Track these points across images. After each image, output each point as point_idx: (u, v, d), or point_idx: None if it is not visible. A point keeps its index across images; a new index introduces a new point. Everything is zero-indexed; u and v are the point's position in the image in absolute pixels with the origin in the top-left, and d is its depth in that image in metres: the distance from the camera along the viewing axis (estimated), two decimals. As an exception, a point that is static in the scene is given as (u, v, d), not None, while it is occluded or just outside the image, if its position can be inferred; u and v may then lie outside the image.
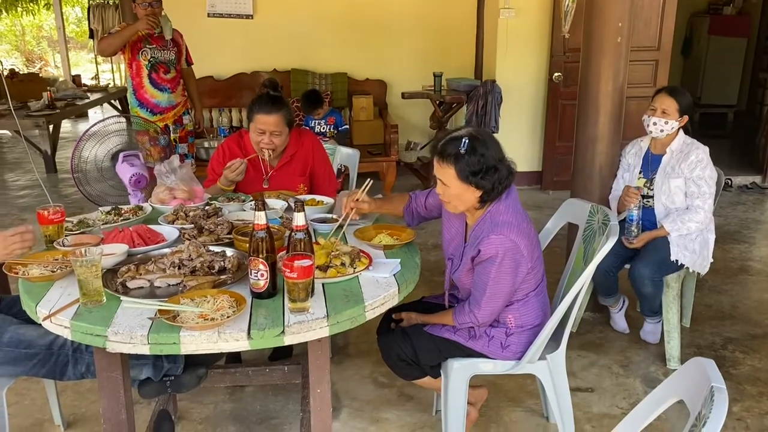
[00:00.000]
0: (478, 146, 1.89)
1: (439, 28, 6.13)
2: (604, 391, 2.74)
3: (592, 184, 3.18)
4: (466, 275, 2.04)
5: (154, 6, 4.05)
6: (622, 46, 3.01)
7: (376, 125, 5.84)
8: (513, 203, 1.99)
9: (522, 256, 1.94)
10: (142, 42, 4.12)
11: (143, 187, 2.89)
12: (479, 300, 1.98)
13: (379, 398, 2.69)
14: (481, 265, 1.96)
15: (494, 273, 1.93)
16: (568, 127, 5.43)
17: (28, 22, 16.96)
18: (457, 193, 1.94)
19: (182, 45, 4.38)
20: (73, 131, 9.32)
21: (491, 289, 1.95)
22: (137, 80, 4.20)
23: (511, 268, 1.94)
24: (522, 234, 1.94)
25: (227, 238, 2.12)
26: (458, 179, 1.90)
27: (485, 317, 2.00)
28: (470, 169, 1.88)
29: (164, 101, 4.26)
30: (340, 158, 3.47)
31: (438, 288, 3.60)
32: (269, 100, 2.67)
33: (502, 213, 1.96)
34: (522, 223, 1.96)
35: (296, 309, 1.67)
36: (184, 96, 4.43)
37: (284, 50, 6.06)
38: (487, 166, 1.88)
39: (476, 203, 1.96)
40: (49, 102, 6.16)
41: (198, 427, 2.51)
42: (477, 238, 1.96)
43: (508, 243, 1.91)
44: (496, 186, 1.92)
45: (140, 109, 4.23)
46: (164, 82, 4.23)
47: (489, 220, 1.96)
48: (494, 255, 1.92)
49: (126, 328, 1.55)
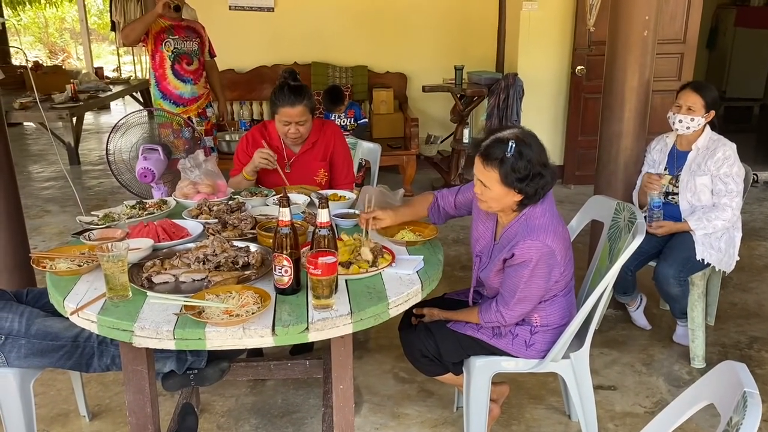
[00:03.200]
0: (525, 150, 1.83)
1: (461, 21, 6.08)
2: (626, 390, 2.71)
3: (617, 180, 3.15)
4: (496, 275, 2.02)
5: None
6: (648, 40, 2.96)
7: (396, 118, 5.82)
8: (549, 206, 1.96)
9: (556, 262, 1.92)
10: (165, 33, 4.13)
11: (150, 181, 2.92)
12: (508, 301, 1.96)
13: (399, 393, 2.69)
14: (513, 268, 1.94)
15: (527, 277, 1.91)
16: (590, 121, 5.38)
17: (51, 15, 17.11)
18: (497, 196, 1.90)
19: (205, 37, 4.38)
20: (95, 123, 9.41)
21: (522, 292, 1.93)
22: (160, 71, 4.22)
23: (544, 273, 1.92)
24: (558, 239, 1.91)
25: (251, 233, 2.12)
26: (501, 184, 1.86)
27: (513, 318, 1.99)
28: (516, 175, 1.83)
29: (187, 92, 4.27)
30: (361, 152, 3.47)
31: (458, 283, 3.60)
32: (291, 92, 2.68)
33: (539, 217, 1.93)
34: (558, 227, 1.94)
35: (320, 306, 1.68)
36: (206, 88, 4.44)
37: (305, 43, 6.05)
38: (533, 173, 1.84)
39: (513, 206, 1.93)
40: (72, 94, 6.20)
41: (220, 419, 2.53)
42: (510, 240, 1.94)
43: (543, 248, 1.88)
44: (538, 191, 1.88)
45: (163, 101, 4.25)
46: (187, 74, 4.24)
47: (524, 223, 1.93)
48: (529, 259, 1.89)
49: (152, 324, 1.56)
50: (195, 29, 4.30)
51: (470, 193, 2.14)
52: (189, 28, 4.26)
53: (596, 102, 5.22)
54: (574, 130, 5.56)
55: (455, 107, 5.50)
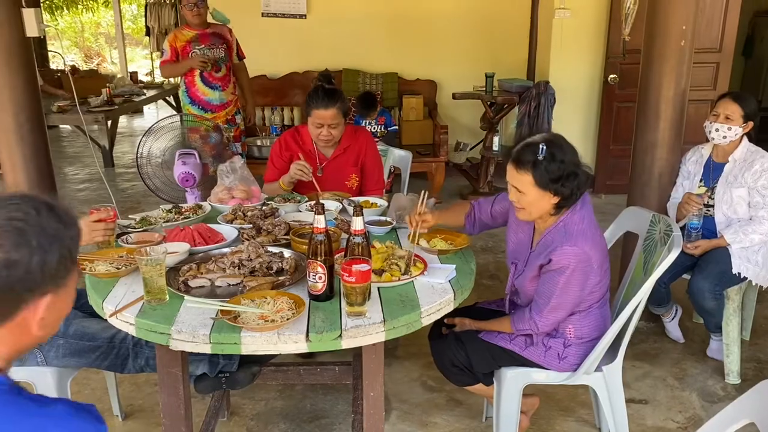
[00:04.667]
0: (557, 152, 1.85)
1: (492, 28, 6.07)
2: (658, 404, 2.67)
3: (651, 190, 3.11)
4: (531, 282, 2.01)
5: (199, 6, 4.15)
6: (685, 50, 2.92)
7: (426, 125, 5.82)
8: (588, 214, 1.95)
9: (592, 269, 1.91)
10: (191, 44, 4.21)
11: (191, 185, 2.96)
12: (542, 308, 1.95)
13: (428, 402, 2.68)
14: (549, 274, 1.93)
15: (562, 283, 1.90)
16: (623, 130, 5.32)
17: (87, 19, 17.48)
18: (534, 200, 1.90)
19: (232, 41, 4.42)
20: (128, 127, 9.58)
21: (557, 299, 1.92)
22: (189, 78, 4.30)
23: (580, 281, 1.90)
24: (596, 246, 1.90)
25: (284, 239, 2.14)
26: (536, 186, 1.87)
27: (546, 326, 1.98)
28: (549, 176, 1.84)
29: (215, 99, 4.33)
30: (392, 159, 3.48)
31: (486, 292, 3.58)
32: (325, 95, 2.71)
33: (577, 223, 1.92)
34: (596, 235, 1.93)
35: (353, 313, 1.68)
36: (234, 95, 4.48)
37: (336, 50, 6.09)
38: (567, 173, 1.85)
39: (551, 210, 1.93)
40: (108, 98, 6.33)
41: (250, 423, 2.55)
42: (547, 247, 1.93)
43: (581, 255, 1.87)
44: (574, 192, 1.88)
45: (192, 107, 4.33)
46: (215, 80, 4.31)
47: (563, 229, 1.93)
48: (565, 266, 1.88)
49: (189, 327, 1.59)
50: (221, 34, 4.34)
51: (507, 202, 2.14)
52: (215, 34, 4.31)
53: (629, 111, 5.18)
54: (605, 139, 5.50)
55: (485, 115, 5.48)
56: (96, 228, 2.02)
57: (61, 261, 1.00)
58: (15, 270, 0.95)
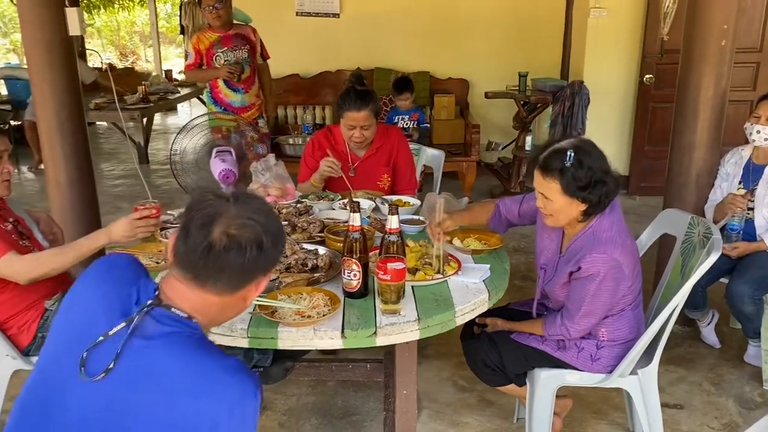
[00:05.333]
0: (585, 159, 1.82)
1: (525, 27, 6.02)
2: (694, 409, 2.63)
3: (688, 192, 3.05)
4: (561, 288, 2.00)
5: (218, 8, 4.14)
6: (726, 50, 2.87)
7: (457, 125, 5.80)
8: (617, 219, 1.92)
9: (623, 276, 1.89)
10: (214, 47, 4.23)
11: (231, 182, 2.99)
12: (573, 315, 1.94)
13: (459, 402, 2.68)
14: (579, 281, 1.91)
15: (593, 290, 1.88)
16: (658, 131, 5.24)
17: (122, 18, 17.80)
18: (561, 207, 1.88)
19: (255, 41, 4.37)
20: (162, 124, 9.74)
21: (588, 306, 1.90)
22: (213, 80, 4.35)
23: (611, 287, 1.88)
24: (626, 252, 1.88)
25: (319, 237, 2.17)
26: (563, 194, 1.84)
27: (577, 333, 1.96)
28: (577, 183, 1.81)
29: (237, 101, 4.34)
30: (424, 158, 3.48)
31: (517, 293, 3.56)
32: (357, 96, 2.72)
33: (606, 230, 1.89)
34: (625, 241, 1.90)
35: (388, 311, 1.70)
36: (258, 98, 4.46)
37: (368, 49, 6.11)
38: (595, 180, 1.82)
39: (579, 216, 1.90)
40: (143, 96, 6.44)
41: (282, 417, 2.58)
42: (576, 253, 1.92)
43: (611, 262, 1.85)
44: (602, 199, 1.85)
45: (215, 107, 4.37)
46: (238, 83, 4.30)
47: (592, 235, 1.91)
48: (595, 273, 1.86)
49: (227, 321, 1.61)
50: (244, 35, 4.32)
51: (534, 202, 2.13)
52: (237, 36, 4.29)
53: (665, 111, 5.10)
54: (640, 140, 5.42)
55: (518, 114, 5.45)
56: (138, 225, 2.06)
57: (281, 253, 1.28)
58: (261, 251, 1.16)
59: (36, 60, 3.00)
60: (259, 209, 1.20)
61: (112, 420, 1.10)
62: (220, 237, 1.13)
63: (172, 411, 1.08)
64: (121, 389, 1.10)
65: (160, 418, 1.09)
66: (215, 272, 1.16)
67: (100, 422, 1.11)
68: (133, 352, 1.12)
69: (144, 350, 1.12)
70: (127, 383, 1.11)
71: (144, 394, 1.10)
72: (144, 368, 1.11)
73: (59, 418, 1.13)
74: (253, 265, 1.17)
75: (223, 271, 1.16)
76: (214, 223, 1.14)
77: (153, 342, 1.13)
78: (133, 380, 1.11)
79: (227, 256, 1.14)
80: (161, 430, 1.09)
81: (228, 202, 1.18)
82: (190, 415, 1.08)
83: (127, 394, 1.10)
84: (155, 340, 1.13)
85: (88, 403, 1.11)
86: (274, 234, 1.20)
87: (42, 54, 2.98)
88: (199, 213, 1.16)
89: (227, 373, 1.13)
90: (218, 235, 1.13)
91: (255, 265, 1.18)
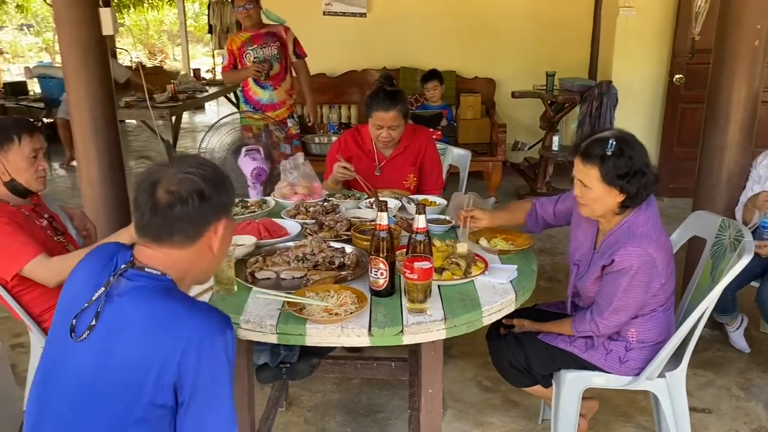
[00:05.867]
0: (626, 148, 1.83)
1: (552, 26, 5.98)
2: (722, 414, 2.60)
3: (718, 194, 3.02)
4: (593, 283, 1.99)
5: (248, 9, 4.19)
6: (759, 50, 2.83)
7: (483, 124, 5.78)
8: (653, 215, 1.92)
9: (657, 272, 1.87)
10: (245, 45, 4.28)
11: (264, 180, 3.02)
12: (603, 311, 1.93)
13: (483, 402, 2.68)
14: (611, 275, 1.91)
15: (625, 285, 1.87)
16: (688, 131, 5.17)
17: (151, 17, 18.04)
18: (599, 196, 1.88)
19: (286, 39, 4.39)
20: (190, 122, 9.86)
21: (619, 302, 1.89)
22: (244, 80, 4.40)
23: (644, 283, 1.87)
24: (660, 248, 1.87)
25: (345, 235, 2.18)
26: (602, 182, 1.85)
27: (607, 329, 1.95)
28: (617, 171, 1.82)
29: (265, 98, 4.36)
30: (451, 158, 3.48)
31: (543, 294, 3.54)
32: (386, 97, 2.72)
33: (642, 225, 1.89)
34: (661, 237, 1.89)
35: (414, 309, 1.70)
36: (290, 96, 4.47)
37: (394, 48, 6.12)
38: (635, 170, 1.82)
39: (616, 208, 1.90)
40: (172, 94, 6.52)
41: (307, 414, 2.61)
42: (611, 247, 1.91)
43: (645, 257, 1.84)
44: (640, 191, 1.86)
45: (246, 106, 4.43)
46: (266, 80, 4.33)
47: (627, 229, 1.90)
48: (628, 267, 1.85)
49: (256, 317, 1.64)
50: (275, 33, 4.35)
51: (570, 202, 2.12)
52: (268, 34, 4.33)
53: (695, 112, 5.03)
54: (669, 141, 5.35)
55: (545, 114, 5.41)
56: None
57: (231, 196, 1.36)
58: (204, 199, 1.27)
59: (71, 59, 3.06)
60: (196, 163, 1.30)
61: (101, 373, 1.23)
62: (163, 195, 1.25)
63: (146, 350, 1.21)
64: (104, 343, 1.24)
65: (138, 360, 1.21)
66: (167, 228, 1.27)
67: (91, 377, 1.24)
68: (111, 308, 1.25)
69: (117, 305, 1.26)
70: (108, 337, 1.24)
71: (122, 343, 1.23)
72: (119, 320, 1.24)
73: (63, 381, 1.27)
74: (200, 213, 1.28)
75: (173, 225, 1.27)
76: (156, 186, 1.26)
77: (124, 297, 1.26)
78: (113, 333, 1.24)
79: (172, 210, 1.25)
80: (140, 370, 1.20)
81: (166, 166, 1.29)
82: (161, 351, 1.20)
83: (108, 345, 1.24)
84: (125, 295, 1.26)
85: (80, 362, 1.25)
86: (214, 181, 1.29)
87: (78, 53, 3.04)
88: (144, 183, 1.28)
89: (193, 313, 1.25)
90: (161, 194, 1.25)
91: (202, 212, 1.28)
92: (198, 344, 1.21)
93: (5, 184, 2.09)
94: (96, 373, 1.24)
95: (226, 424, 1.25)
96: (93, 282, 1.30)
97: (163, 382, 1.20)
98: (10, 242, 2.00)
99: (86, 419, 1.24)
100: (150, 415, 1.21)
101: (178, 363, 1.20)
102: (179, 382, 1.21)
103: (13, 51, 17.02)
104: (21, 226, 2.04)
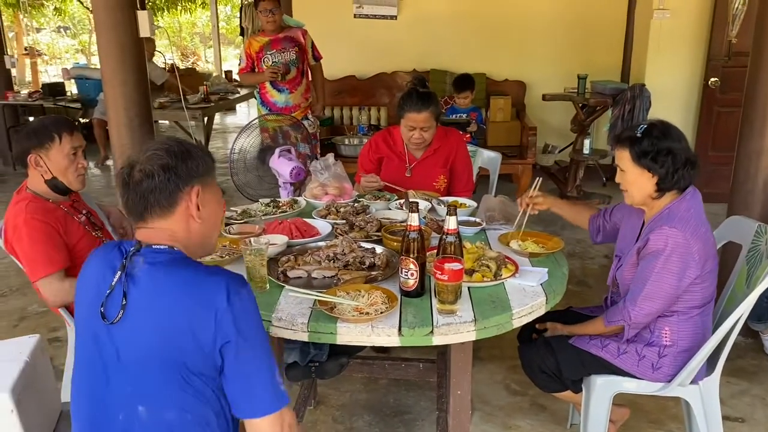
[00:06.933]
0: (654, 131, 1.90)
1: (584, 28, 5.93)
2: (756, 423, 2.55)
3: (754, 199, 2.97)
4: (629, 269, 2.00)
5: (274, 13, 4.29)
6: (799, 53, 2.77)
7: (513, 126, 5.75)
8: (696, 206, 1.93)
9: (693, 259, 1.86)
10: (263, 50, 4.38)
11: (303, 179, 3.05)
12: (636, 296, 1.92)
13: (511, 405, 2.67)
14: (646, 260, 1.92)
15: (658, 268, 1.87)
16: (723, 135, 5.08)
17: (184, 20, 18.32)
18: (633, 178, 1.94)
19: (304, 43, 4.48)
20: (221, 123, 9.99)
21: (651, 286, 1.88)
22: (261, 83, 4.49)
23: (678, 268, 1.86)
24: (697, 236, 1.86)
25: (376, 236, 2.19)
26: (632, 162, 1.92)
27: (639, 317, 1.93)
28: (644, 150, 1.88)
29: (281, 101, 4.47)
30: (481, 161, 3.47)
31: (573, 297, 3.52)
32: (419, 98, 2.74)
33: (684, 211, 1.91)
34: (701, 228, 1.89)
35: (445, 311, 1.71)
36: (306, 99, 4.56)
37: (424, 50, 6.12)
38: (659, 149, 1.87)
39: (653, 192, 1.93)
40: (204, 96, 6.62)
41: (335, 413, 2.63)
42: (651, 231, 1.92)
43: (680, 239, 1.85)
44: (670, 172, 1.87)
45: (262, 108, 4.54)
46: (283, 84, 4.44)
47: (667, 214, 1.92)
48: (662, 248, 1.86)
49: (288, 315, 1.66)
50: (293, 37, 4.44)
51: (623, 207, 2.18)
52: (286, 38, 4.42)
53: (730, 116, 4.95)
54: (704, 145, 5.27)
55: (576, 117, 5.37)
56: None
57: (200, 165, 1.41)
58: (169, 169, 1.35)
59: (110, 60, 3.13)
60: (160, 142, 1.40)
61: (138, 345, 1.31)
62: (134, 175, 1.36)
63: (181, 317, 1.28)
64: (134, 319, 1.31)
65: (170, 327, 1.28)
66: (143, 202, 1.36)
67: (131, 352, 1.31)
68: (134, 286, 1.32)
69: (141, 282, 1.32)
70: (137, 313, 1.31)
71: (154, 314, 1.30)
72: (146, 295, 1.32)
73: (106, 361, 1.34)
74: (167, 183, 1.35)
75: (146, 198, 1.35)
76: (132, 170, 1.36)
77: (144, 273, 1.33)
78: (141, 309, 1.31)
79: (141, 186, 1.35)
80: (176, 336, 1.27)
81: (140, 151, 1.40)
82: (193, 314, 1.27)
83: (138, 322, 1.31)
84: (145, 271, 1.33)
85: (117, 340, 1.32)
86: (177, 152, 1.38)
87: (117, 54, 3.11)
88: (123, 169, 1.38)
89: (213, 273, 1.33)
90: (134, 174, 1.36)
91: (170, 181, 1.35)
92: (227, 298, 1.28)
93: (47, 182, 2.15)
94: (135, 346, 1.31)
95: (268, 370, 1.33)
96: (108, 269, 1.37)
97: (203, 342, 1.27)
98: (35, 251, 2.05)
99: (149, 391, 1.31)
100: (194, 382, 1.30)
101: (214, 321, 1.27)
102: (219, 337, 1.27)
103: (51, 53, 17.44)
104: (51, 232, 2.08)
